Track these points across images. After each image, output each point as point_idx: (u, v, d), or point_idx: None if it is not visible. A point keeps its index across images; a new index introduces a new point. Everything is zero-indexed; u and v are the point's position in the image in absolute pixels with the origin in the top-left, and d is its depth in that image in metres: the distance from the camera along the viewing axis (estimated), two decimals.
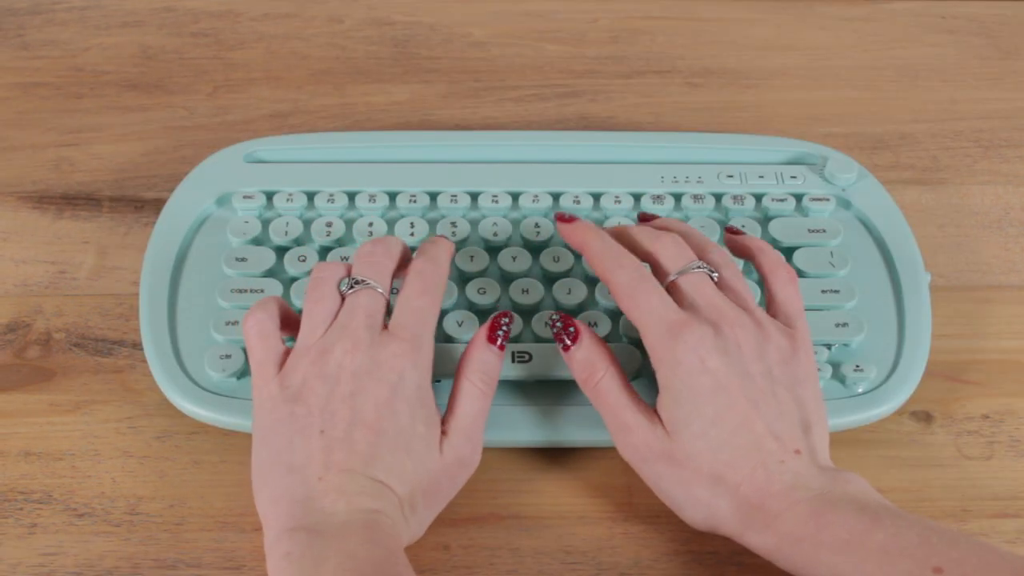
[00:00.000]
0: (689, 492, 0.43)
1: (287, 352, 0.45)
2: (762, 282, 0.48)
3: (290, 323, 0.47)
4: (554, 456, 0.49)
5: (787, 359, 0.44)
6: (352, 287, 0.45)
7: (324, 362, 0.43)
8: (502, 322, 0.46)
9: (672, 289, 0.45)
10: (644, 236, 0.47)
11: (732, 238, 0.50)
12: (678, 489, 0.43)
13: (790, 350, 0.44)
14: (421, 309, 0.45)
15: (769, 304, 0.47)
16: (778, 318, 0.46)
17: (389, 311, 0.46)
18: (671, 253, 0.46)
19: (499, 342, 0.46)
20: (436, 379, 0.49)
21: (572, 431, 0.48)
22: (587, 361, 0.45)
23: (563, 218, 0.49)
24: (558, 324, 0.46)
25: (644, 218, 0.52)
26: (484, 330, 0.46)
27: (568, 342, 0.45)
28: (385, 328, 0.44)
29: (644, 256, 0.47)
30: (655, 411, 0.44)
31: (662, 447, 0.43)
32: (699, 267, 0.45)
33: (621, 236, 0.48)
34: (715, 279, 0.46)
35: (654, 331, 0.44)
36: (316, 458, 0.41)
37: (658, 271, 0.46)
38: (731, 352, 0.43)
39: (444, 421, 0.44)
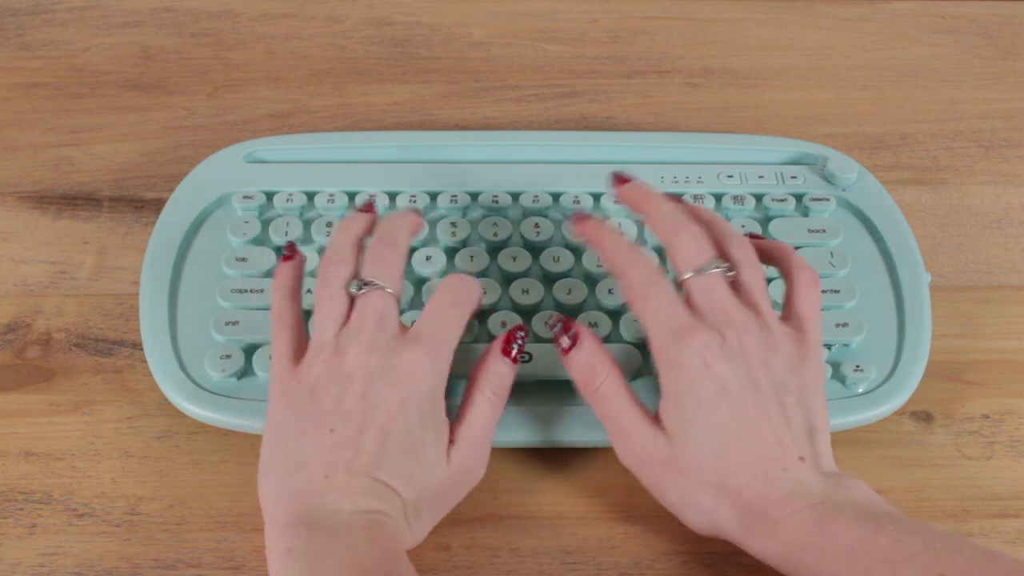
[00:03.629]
0: (691, 498, 0.43)
1: (305, 343, 0.45)
2: (784, 282, 0.47)
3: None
4: (554, 456, 0.49)
5: (795, 365, 0.43)
6: (361, 288, 0.45)
7: (339, 362, 0.43)
8: (517, 335, 0.46)
9: (685, 287, 0.45)
10: (667, 224, 0.46)
11: (756, 243, 0.49)
12: (679, 495, 0.43)
13: (799, 356, 0.44)
14: (448, 319, 0.44)
15: (786, 305, 0.46)
16: (791, 320, 0.45)
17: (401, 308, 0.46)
18: (689, 250, 0.45)
19: (513, 355, 0.45)
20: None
21: (572, 432, 0.48)
22: (587, 365, 0.45)
23: (579, 217, 0.48)
24: (557, 327, 0.46)
25: (620, 180, 0.49)
26: (499, 342, 0.45)
27: (567, 345, 0.45)
28: (402, 329, 0.44)
29: (664, 244, 0.46)
30: (656, 416, 0.44)
31: (664, 453, 0.43)
32: (716, 267, 0.44)
33: (648, 209, 0.47)
34: (731, 278, 0.45)
35: (660, 334, 0.43)
36: (324, 456, 0.41)
37: (674, 266, 0.45)
38: (737, 358, 0.42)
39: (453, 429, 0.44)
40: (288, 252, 0.48)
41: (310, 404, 0.43)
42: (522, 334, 0.46)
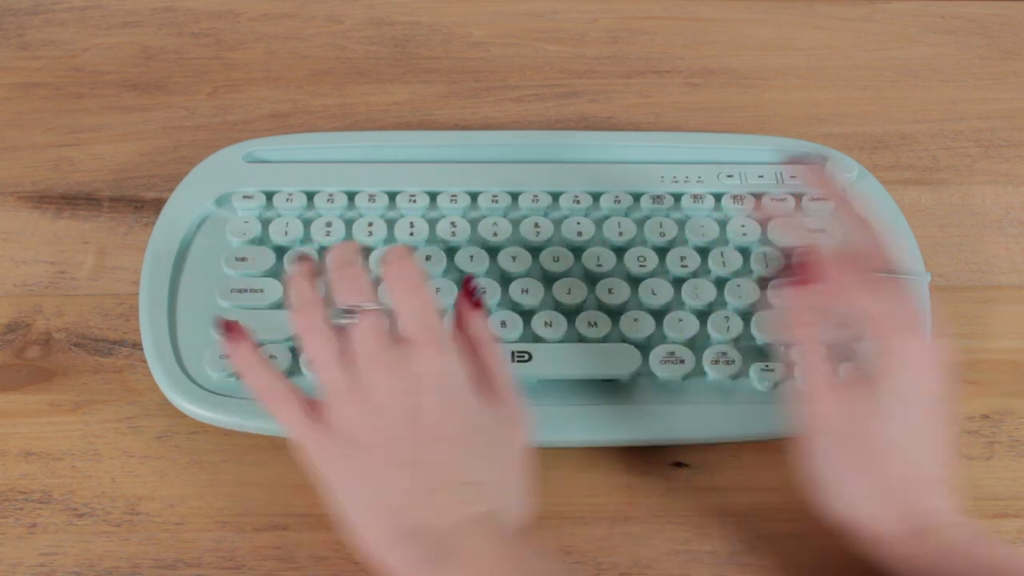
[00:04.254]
0: (861, 481, 0.43)
1: (306, 396, 0.43)
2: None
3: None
4: (554, 456, 0.49)
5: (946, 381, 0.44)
6: (347, 316, 0.43)
7: (366, 398, 0.42)
8: (471, 285, 0.45)
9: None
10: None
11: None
12: (852, 475, 0.43)
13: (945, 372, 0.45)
14: (421, 307, 0.43)
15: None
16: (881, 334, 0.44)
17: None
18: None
19: (481, 303, 0.45)
20: None
21: (572, 431, 0.48)
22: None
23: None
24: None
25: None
26: (465, 300, 0.45)
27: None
28: (400, 339, 0.43)
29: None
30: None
31: (862, 425, 0.43)
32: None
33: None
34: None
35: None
36: (406, 487, 0.41)
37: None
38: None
39: (485, 389, 0.43)
40: (226, 330, 0.45)
41: (362, 450, 0.42)
42: (474, 283, 0.46)
